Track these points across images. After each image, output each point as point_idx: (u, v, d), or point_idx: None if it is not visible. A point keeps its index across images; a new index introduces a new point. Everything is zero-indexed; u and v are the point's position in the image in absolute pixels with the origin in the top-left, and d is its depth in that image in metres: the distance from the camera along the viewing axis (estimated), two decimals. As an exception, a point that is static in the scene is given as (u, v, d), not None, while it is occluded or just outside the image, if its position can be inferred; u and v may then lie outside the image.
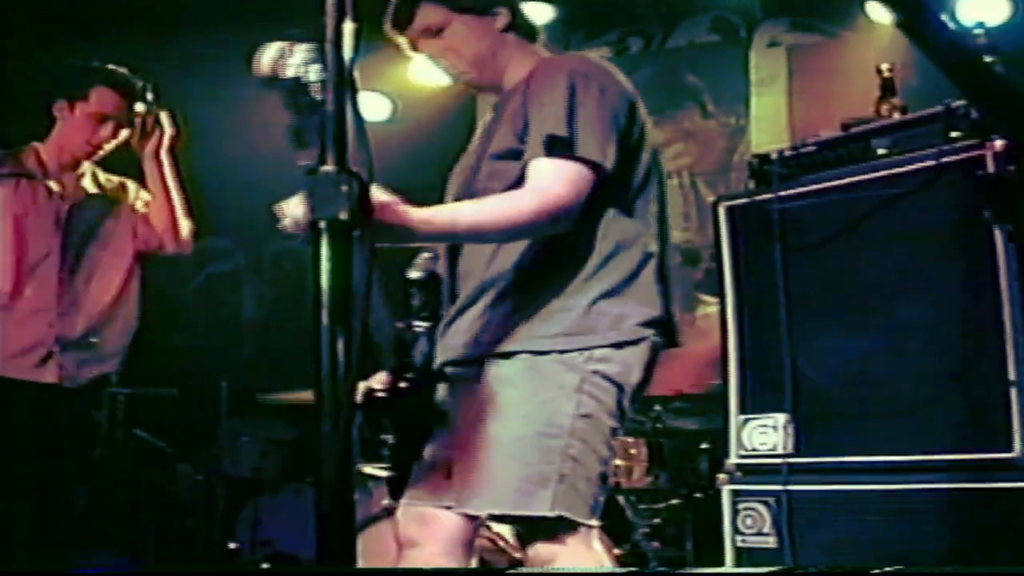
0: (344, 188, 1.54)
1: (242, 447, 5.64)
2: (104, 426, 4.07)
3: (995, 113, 1.81)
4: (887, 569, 2.63)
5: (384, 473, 2.50)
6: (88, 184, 3.86)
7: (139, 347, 6.39)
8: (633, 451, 4.41)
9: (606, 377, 2.43)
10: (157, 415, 5.75)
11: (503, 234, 2.43)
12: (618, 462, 4.33)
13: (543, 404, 2.39)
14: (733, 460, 3.44)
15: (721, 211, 3.63)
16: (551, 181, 2.37)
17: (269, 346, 6.73)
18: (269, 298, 7.01)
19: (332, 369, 1.49)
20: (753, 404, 3.44)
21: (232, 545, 5.50)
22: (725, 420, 3.49)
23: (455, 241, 2.55)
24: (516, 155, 2.47)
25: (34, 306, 3.67)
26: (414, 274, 2.59)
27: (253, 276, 7.02)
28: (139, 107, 3.74)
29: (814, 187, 3.42)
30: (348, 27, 1.58)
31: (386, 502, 3.85)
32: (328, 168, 1.54)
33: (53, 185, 3.77)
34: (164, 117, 3.76)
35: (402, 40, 2.72)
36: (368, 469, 5.45)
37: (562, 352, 2.41)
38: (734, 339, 3.52)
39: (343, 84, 1.57)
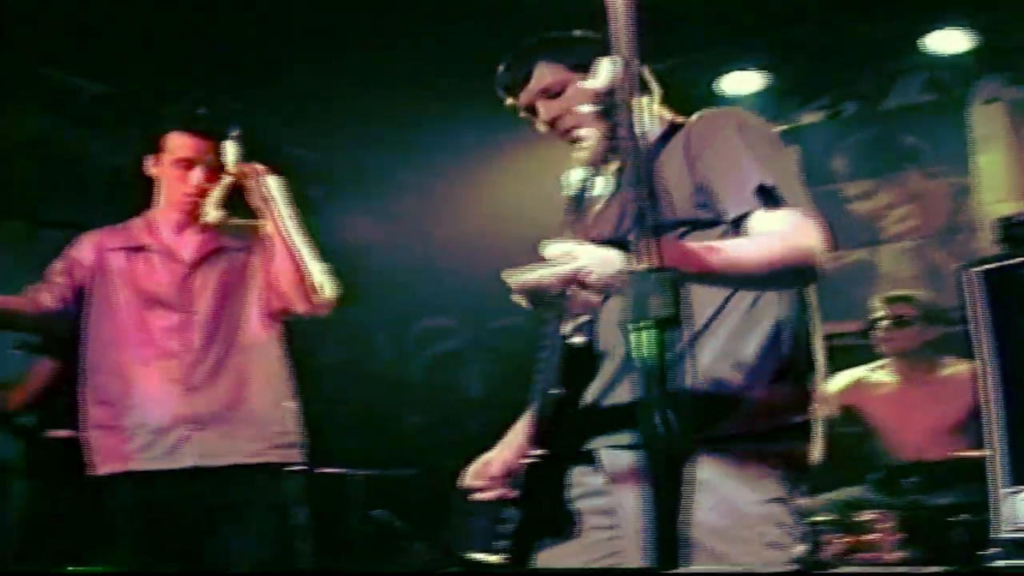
0: (664, 288, 1.57)
1: (475, 525, 5.68)
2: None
3: None
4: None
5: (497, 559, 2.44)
6: (208, 239, 3.56)
7: (370, 428, 6.61)
8: (881, 525, 4.26)
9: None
10: (393, 495, 5.89)
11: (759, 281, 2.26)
12: (867, 537, 4.19)
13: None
14: (1001, 535, 3.29)
15: (973, 276, 3.51)
16: (796, 231, 2.20)
17: (496, 423, 6.77)
18: (494, 375, 7.10)
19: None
20: (1019, 475, 3.29)
21: (467, 624, 5.53)
22: (987, 491, 3.35)
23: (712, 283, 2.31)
24: (684, 224, 2.33)
25: (163, 384, 3.35)
26: (576, 340, 2.36)
27: (476, 354, 7.13)
28: (229, 149, 3.42)
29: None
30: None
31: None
32: (644, 268, 1.58)
33: (172, 248, 3.52)
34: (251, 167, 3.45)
35: (514, 102, 2.61)
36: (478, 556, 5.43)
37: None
38: (997, 407, 3.38)
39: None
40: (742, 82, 6.17)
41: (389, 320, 6.98)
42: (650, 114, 2.53)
